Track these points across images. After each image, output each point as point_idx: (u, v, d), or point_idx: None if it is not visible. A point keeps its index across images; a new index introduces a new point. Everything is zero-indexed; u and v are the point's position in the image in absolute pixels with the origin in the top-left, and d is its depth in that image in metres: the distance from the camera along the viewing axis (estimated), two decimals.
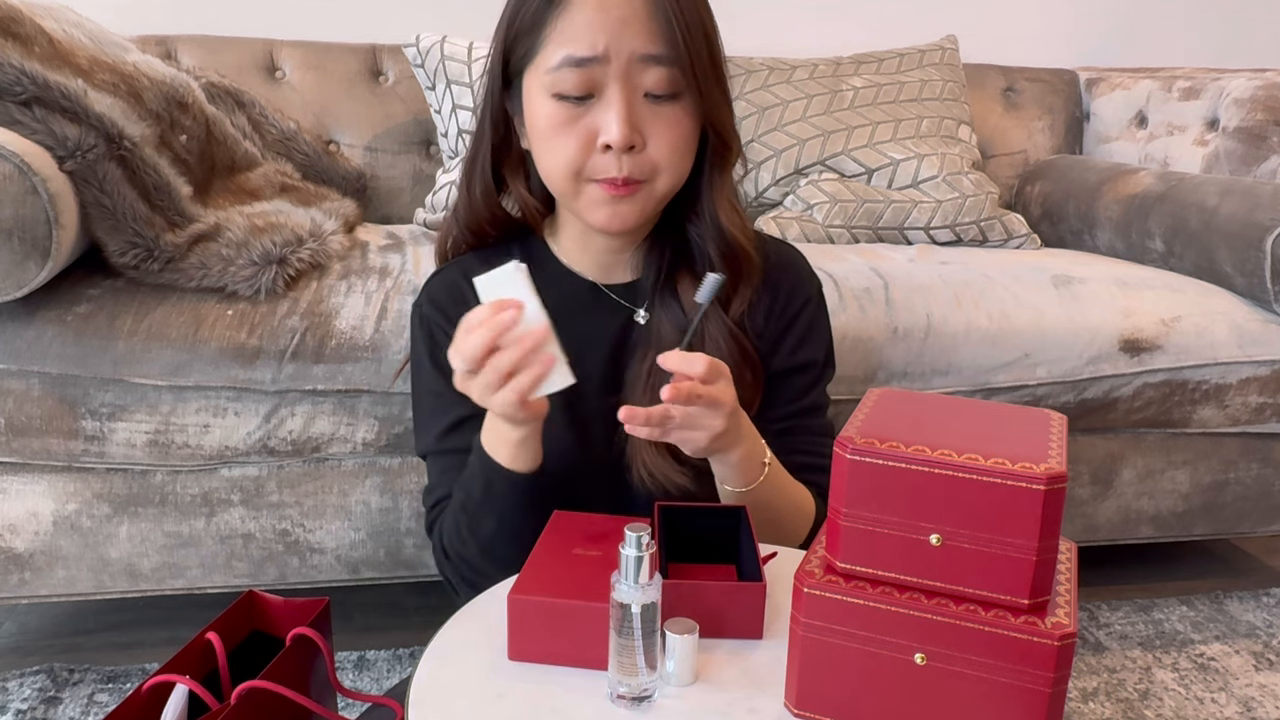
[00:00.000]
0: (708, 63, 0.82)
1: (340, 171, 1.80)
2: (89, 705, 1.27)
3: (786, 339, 0.95)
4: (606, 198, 0.84)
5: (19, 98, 1.12)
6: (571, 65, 0.79)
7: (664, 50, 0.80)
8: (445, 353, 0.92)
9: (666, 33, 0.79)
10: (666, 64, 0.80)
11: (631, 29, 0.79)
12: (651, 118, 0.82)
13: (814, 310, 0.98)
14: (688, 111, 0.84)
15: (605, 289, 0.95)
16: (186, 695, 0.73)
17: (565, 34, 0.79)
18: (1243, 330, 1.49)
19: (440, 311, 0.94)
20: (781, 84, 1.88)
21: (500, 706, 0.63)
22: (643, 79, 0.81)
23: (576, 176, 0.84)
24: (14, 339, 1.17)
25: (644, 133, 0.82)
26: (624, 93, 0.80)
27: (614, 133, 0.80)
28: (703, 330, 0.91)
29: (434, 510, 0.94)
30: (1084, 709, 1.33)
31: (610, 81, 0.80)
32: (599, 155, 0.82)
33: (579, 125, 0.81)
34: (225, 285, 1.23)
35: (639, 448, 0.88)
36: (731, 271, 0.92)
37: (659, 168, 0.84)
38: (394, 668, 1.37)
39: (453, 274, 0.95)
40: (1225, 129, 1.86)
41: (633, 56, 0.79)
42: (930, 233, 1.82)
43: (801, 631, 0.60)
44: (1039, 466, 0.54)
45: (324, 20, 1.99)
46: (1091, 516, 1.56)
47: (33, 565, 1.26)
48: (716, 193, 0.90)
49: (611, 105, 0.80)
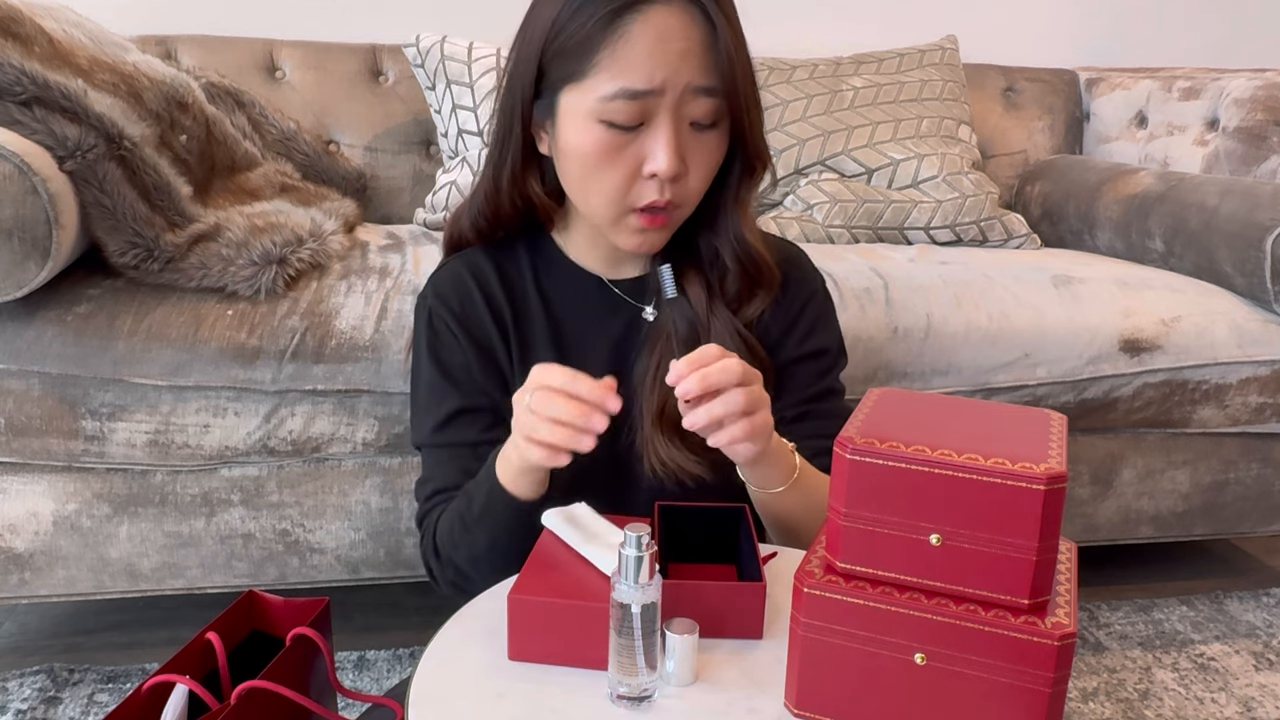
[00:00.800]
0: (752, 93, 0.83)
1: (340, 171, 1.80)
2: (89, 705, 1.27)
3: (795, 330, 0.96)
4: (644, 229, 0.85)
5: (19, 98, 1.12)
6: (627, 98, 0.78)
7: (716, 83, 0.80)
8: (447, 345, 0.93)
9: (719, 65, 0.79)
10: (717, 96, 0.80)
11: (689, 63, 0.78)
12: (695, 146, 0.82)
13: (821, 302, 0.99)
14: (723, 138, 0.85)
15: (613, 285, 0.95)
16: (186, 695, 0.73)
17: (622, 63, 0.78)
18: (1243, 330, 1.49)
19: (444, 305, 0.93)
20: (781, 84, 1.88)
21: (500, 706, 0.63)
22: (691, 109, 0.80)
23: (619, 204, 0.84)
24: (14, 339, 1.17)
25: (687, 162, 0.82)
26: (674, 123, 0.80)
27: (663, 164, 0.80)
28: (709, 329, 0.91)
29: (427, 502, 0.93)
30: (1084, 709, 1.33)
31: (661, 112, 0.80)
32: (643, 183, 0.82)
33: (625, 154, 0.81)
34: (225, 285, 1.23)
35: (650, 438, 0.88)
36: (751, 281, 0.93)
37: (693, 195, 0.85)
38: (394, 668, 1.37)
39: (458, 267, 0.95)
40: (1225, 129, 1.86)
41: (687, 89, 0.79)
42: (930, 233, 1.82)
43: (801, 631, 0.60)
44: (1039, 466, 0.54)
45: (324, 20, 1.98)
46: (1091, 516, 1.56)
47: (33, 565, 1.26)
48: (743, 209, 0.91)
49: (660, 136, 0.80)
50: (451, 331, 0.93)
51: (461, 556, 0.86)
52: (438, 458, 0.94)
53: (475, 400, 0.91)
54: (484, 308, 0.93)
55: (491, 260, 0.95)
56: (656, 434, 0.87)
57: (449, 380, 0.92)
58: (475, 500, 0.84)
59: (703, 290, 0.92)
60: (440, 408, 0.92)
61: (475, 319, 0.92)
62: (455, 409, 0.91)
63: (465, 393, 0.91)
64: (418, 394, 0.96)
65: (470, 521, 0.84)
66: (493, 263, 0.95)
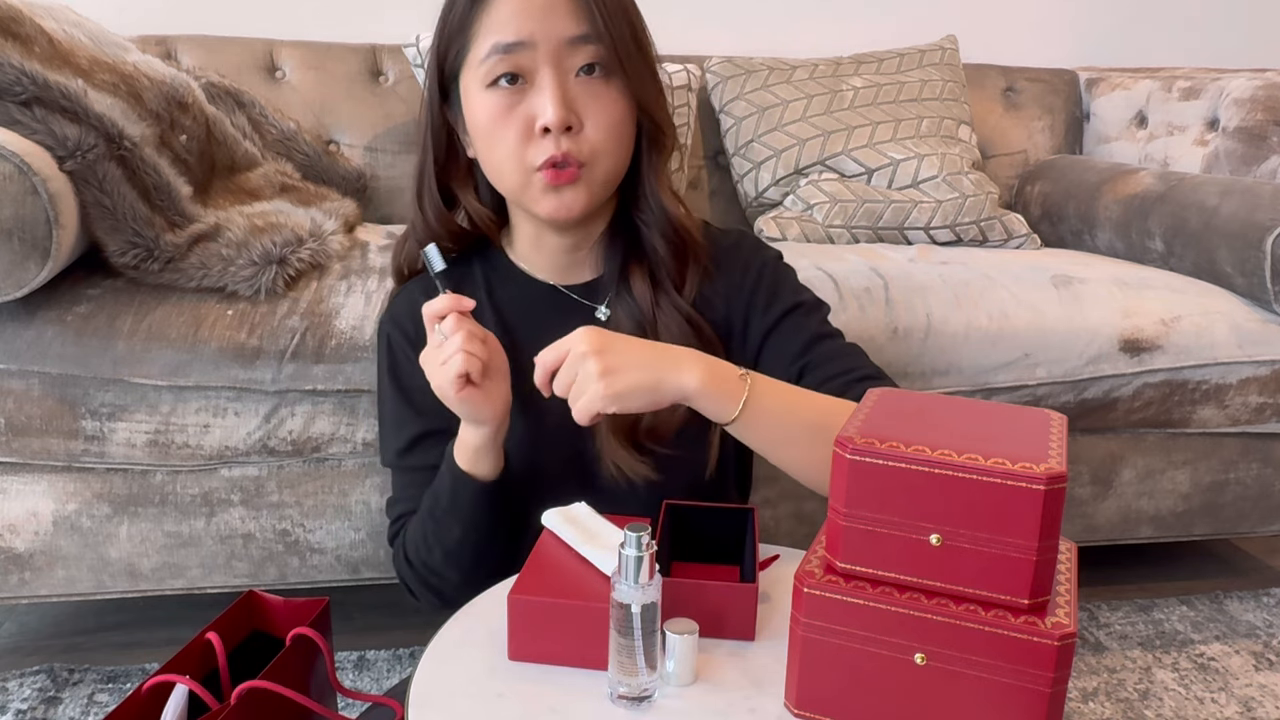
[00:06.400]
0: (631, 43, 0.85)
1: (340, 171, 1.80)
2: (89, 705, 1.27)
3: (756, 303, 0.95)
4: (551, 187, 0.85)
5: (19, 98, 1.12)
6: (500, 52, 0.82)
7: (588, 29, 0.82)
8: (405, 369, 0.95)
9: (588, 14, 0.82)
10: (593, 41, 0.83)
11: (555, 14, 0.82)
12: (586, 98, 0.84)
13: (773, 269, 0.97)
14: (621, 93, 0.85)
15: (565, 290, 0.96)
16: (186, 695, 0.73)
17: (491, 26, 0.82)
18: (1243, 330, 1.49)
19: (400, 331, 0.96)
20: (781, 84, 1.88)
21: (500, 706, 0.63)
22: (573, 59, 0.83)
23: (521, 166, 0.85)
24: (14, 339, 1.17)
25: (579, 114, 0.84)
26: (555, 75, 0.82)
27: (549, 114, 0.82)
28: (655, 320, 0.91)
29: (396, 522, 0.97)
30: (1084, 709, 1.33)
31: (541, 66, 0.82)
32: (539, 140, 0.83)
33: (516, 113, 0.83)
34: (225, 285, 1.23)
35: (606, 442, 0.89)
36: (678, 255, 0.93)
37: (597, 150, 0.85)
38: (394, 668, 1.37)
39: (413, 291, 0.96)
40: (1225, 129, 1.86)
41: (560, 41, 0.82)
42: (930, 233, 1.82)
43: (801, 631, 0.60)
44: (1039, 466, 0.54)
45: (324, 20, 1.98)
46: (1091, 516, 1.56)
47: (33, 565, 1.26)
48: (657, 178, 0.92)
49: (544, 88, 0.82)
50: (408, 355, 0.94)
51: (436, 555, 0.88)
52: (405, 480, 0.97)
53: (436, 424, 0.92)
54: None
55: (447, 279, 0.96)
56: (610, 438, 0.88)
57: (410, 405, 0.94)
58: (441, 496, 0.86)
59: (646, 284, 0.92)
60: (403, 432, 0.95)
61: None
62: (417, 434, 0.94)
63: (427, 418, 0.93)
64: (383, 416, 0.99)
65: (440, 515, 0.87)
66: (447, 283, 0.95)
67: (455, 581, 0.88)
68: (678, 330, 0.90)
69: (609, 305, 0.94)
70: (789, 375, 0.90)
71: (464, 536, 0.86)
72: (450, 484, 0.86)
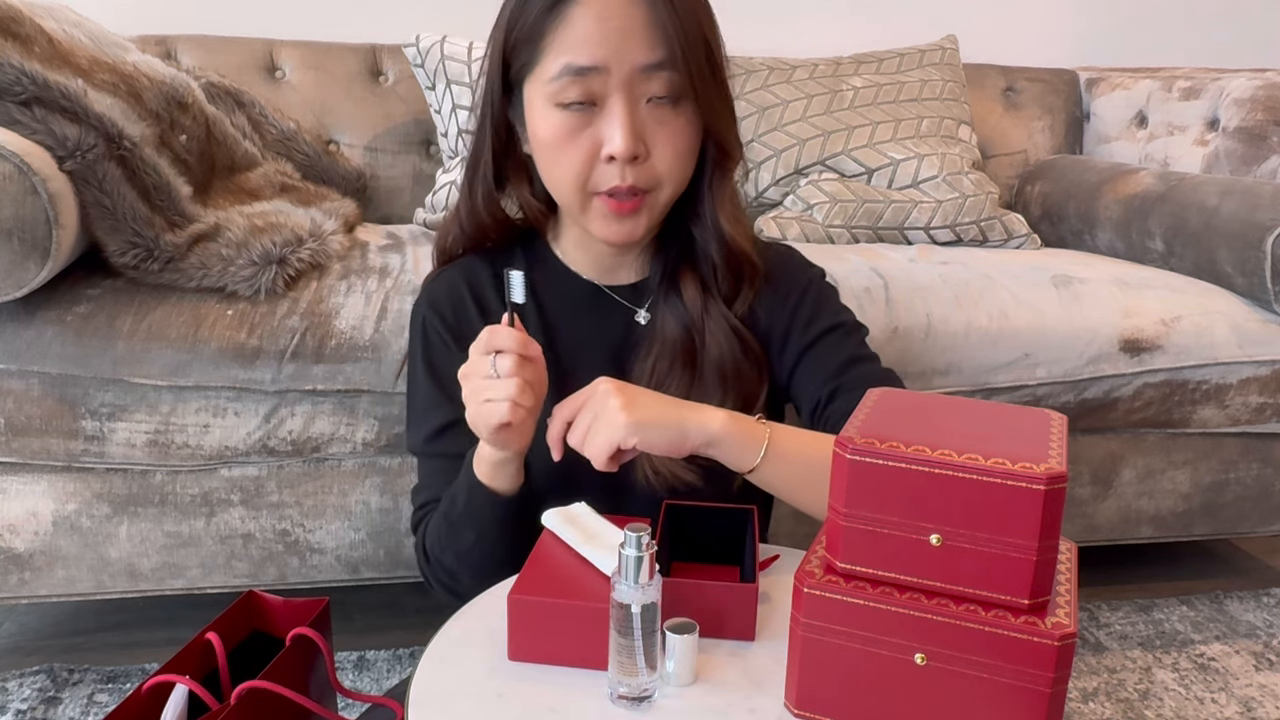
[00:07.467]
0: (707, 71, 0.83)
1: (340, 171, 1.80)
2: (89, 705, 1.27)
3: (797, 320, 0.94)
4: (612, 214, 0.84)
5: (19, 98, 1.12)
6: (572, 74, 0.79)
7: (664, 57, 0.80)
8: (439, 355, 0.93)
9: (665, 41, 0.80)
10: (667, 69, 0.80)
11: (631, 40, 0.79)
12: (655, 126, 0.82)
13: (818, 289, 0.98)
14: (690, 120, 0.84)
15: (608, 290, 0.95)
16: (186, 695, 0.73)
17: (564, 44, 0.79)
18: (1243, 330, 1.49)
19: (438, 315, 0.94)
20: (781, 84, 1.88)
21: (500, 706, 0.63)
22: (645, 87, 0.81)
23: (582, 189, 0.84)
24: (14, 339, 1.17)
25: (647, 143, 0.82)
26: (626, 103, 0.80)
27: (618, 143, 0.80)
28: (704, 328, 0.91)
29: (420, 510, 0.95)
30: (1084, 709, 1.33)
31: (612, 92, 0.80)
32: (603, 166, 0.82)
33: (583, 136, 0.82)
34: (225, 285, 1.23)
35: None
36: (734, 274, 0.92)
37: (662, 178, 0.84)
38: (394, 668, 1.37)
39: (453, 276, 0.95)
40: (1225, 129, 1.86)
41: (634, 67, 0.80)
42: (930, 233, 1.82)
43: (801, 631, 0.60)
44: (1039, 466, 0.54)
45: (324, 20, 1.98)
46: (1091, 516, 1.56)
47: (33, 565, 1.26)
48: (718, 199, 0.90)
49: (614, 116, 0.80)
50: (444, 341, 0.93)
51: (449, 555, 0.87)
52: (431, 467, 0.94)
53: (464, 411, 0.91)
54: (477, 316, 0.93)
55: (489, 266, 0.95)
56: None
57: (442, 391, 0.92)
58: (458, 499, 0.85)
59: (697, 290, 0.92)
60: (433, 418, 0.93)
61: (468, 328, 0.91)
62: (447, 421, 0.92)
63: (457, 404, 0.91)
64: (413, 401, 0.96)
65: (455, 519, 0.85)
66: (489, 269, 0.95)
67: (468, 583, 0.87)
68: (724, 340, 0.90)
69: (650, 309, 0.94)
70: (821, 395, 0.91)
71: (477, 541, 0.85)
72: (466, 491, 0.84)
